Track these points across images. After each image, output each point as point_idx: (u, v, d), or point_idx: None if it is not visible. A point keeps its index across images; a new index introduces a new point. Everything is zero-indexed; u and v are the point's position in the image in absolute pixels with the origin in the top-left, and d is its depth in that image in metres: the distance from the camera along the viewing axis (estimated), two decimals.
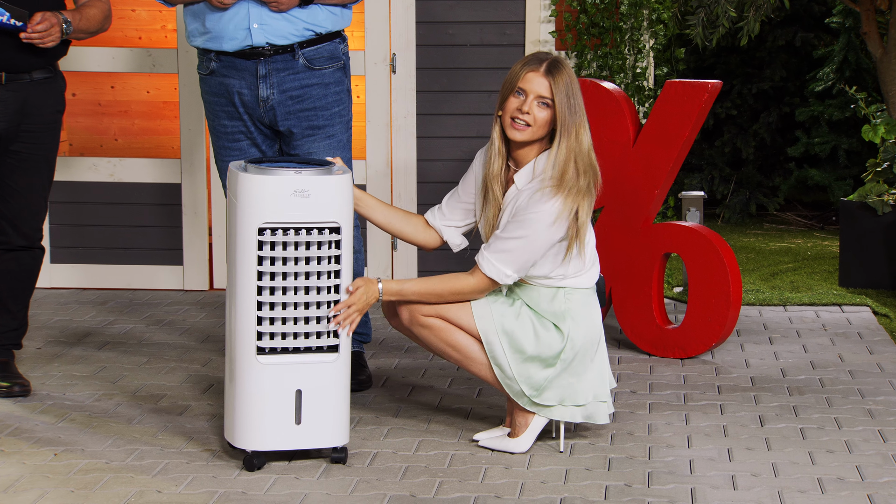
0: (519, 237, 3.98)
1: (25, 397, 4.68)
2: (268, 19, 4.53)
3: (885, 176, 6.66)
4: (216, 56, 4.63)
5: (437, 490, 3.80)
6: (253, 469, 3.93)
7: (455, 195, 4.27)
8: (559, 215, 3.97)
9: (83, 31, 4.64)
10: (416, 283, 4.06)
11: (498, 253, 4.00)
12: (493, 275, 4.00)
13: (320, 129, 4.66)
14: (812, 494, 3.77)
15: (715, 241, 5.17)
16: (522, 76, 4.02)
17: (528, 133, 4.02)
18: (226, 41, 4.57)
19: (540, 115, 4.01)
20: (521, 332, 4.04)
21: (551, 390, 4.08)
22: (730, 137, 9.01)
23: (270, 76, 4.59)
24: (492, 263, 4.00)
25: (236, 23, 4.53)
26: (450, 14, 6.25)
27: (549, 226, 3.97)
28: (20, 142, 4.65)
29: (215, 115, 4.71)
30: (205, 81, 4.72)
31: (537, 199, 3.98)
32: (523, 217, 3.98)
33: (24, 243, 4.73)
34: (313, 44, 4.62)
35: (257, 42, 4.54)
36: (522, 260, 4.00)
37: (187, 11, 4.66)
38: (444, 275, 4.06)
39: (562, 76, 4.00)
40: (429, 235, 4.29)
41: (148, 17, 6.98)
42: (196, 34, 4.64)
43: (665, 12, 6.37)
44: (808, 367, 5.14)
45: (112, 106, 6.99)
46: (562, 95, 3.99)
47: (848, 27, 8.56)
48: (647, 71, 6.38)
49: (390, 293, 4.05)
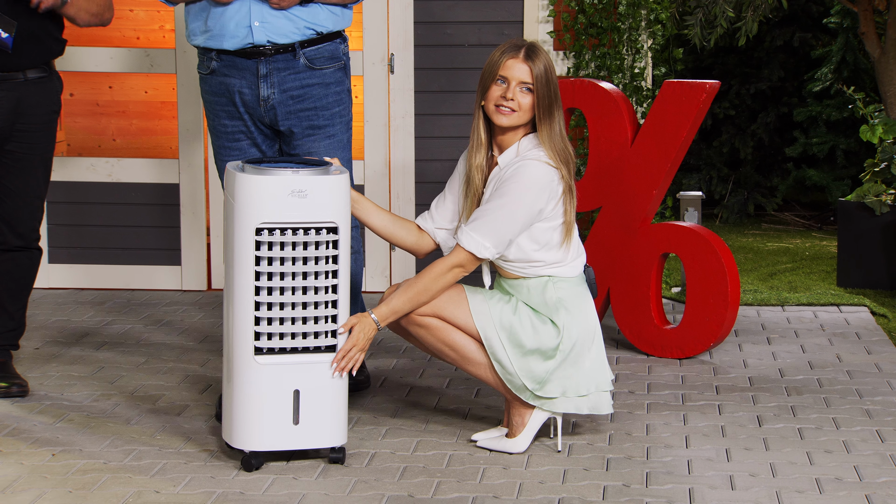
0: (497, 207, 4.01)
1: (23, 398, 4.68)
2: (269, 17, 4.53)
3: (883, 176, 6.66)
4: (217, 55, 4.63)
5: (436, 490, 3.80)
6: (251, 469, 3.93)
7: (442, 198, 4.29)
8: (538, 181, 4.01)
9: (83, 10, 4.60)
10: (400, 292, 4.05)
11: (475, 222, 4.02)
12: (470, 247, 4.01)
13: (321, 129, 4.66)
14: (810, 494, 3.77)
15: (713, 241, 5.17)
16: (503, 64, 4.06)
17: (514, 118, 4.06)
18: (227, 39, 4.56)
19: (524, 101, 4.06)
20: (520, 325, 4.05)
21: (553, 382, 4.08)
22: (728, 137, 9.01)
23: (271, 75, 4.59)
24: (469, 235, 4.02)
25: (237, 21, 4.53)
26: (448, 14, 6.25)
27: (526, 191, 4.00)
28: (15, 141, 4.64)
29: (215, 114, 4.71)
30: (205, 81, 4.71)
31: (515, 169, 4.03)
32: (502, 188, 4.03)
33: (21, 244, 4.73)
34: (314, 43, 4.62)
35: (258, 40, 4.54)
36: (502, 231, 4.00)
37: (188, 10, 4.66)
38: (427, 270, 4.07)
39: (540, 60, 4.07)
40: (423, 240, 4.29)
41: (146, 17, 6.98)
42: (197, 33, 4.64)
43: (663, 12, 6.37)
44: (806, 368, 5.14)
45: (110, 106, 6.99)
46: (542, 79, 4.05)
47: (846, 27, 8.56)
48: (645, 71, 6.39)
49: (385, 317, 4.03)
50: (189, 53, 6.28)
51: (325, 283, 3.89)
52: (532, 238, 4.07)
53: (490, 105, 4.08)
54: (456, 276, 4.05)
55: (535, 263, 4.10)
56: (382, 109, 6.27)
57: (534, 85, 4.04)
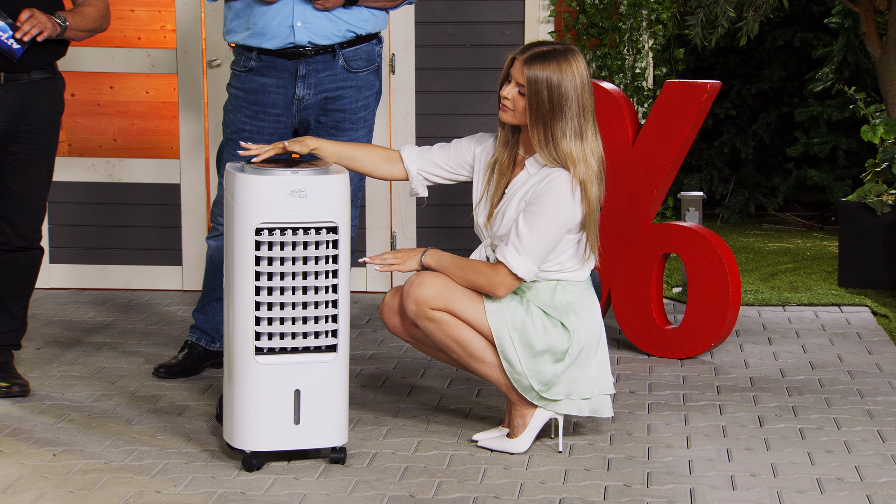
0: (540, 227, 3.97)
1: (24, 398, 4.68)
2: (311, 18, 4.56)
3: (884, 176, 6.66)
4: (257, 55, 4.65)
5: (437, 490, 3.80)
6: (252, 469, 3.93)
7: (446, 152, 4.24)
8: (568, 195, 3.98)
9: (81, 30, 4.64)
10: (456, 260, 4.10)
11: (525, 247, 3.99)
12: (525, 273, 4.00)
13: (344, 133, 4.70)
14: (811, 495, 3.77)
15: (714, 241, 5.17)
16: (510, 61, 4.06)
17: (510, 116, 4.05)
18: (268, 38, 4.59)
19: (519, 103, 4.03)
20: (532, 326, 4.05)
21: (560, 385, 4.08)
22: (729, 138, 9.01)
23: (309, 76, 4.62)
24: (520, 261, 3.99)
25: (280, 20, 4.56)
26: (449, 14, 6.25)
27: (562, 207, 3.98)
28: (19, 142, 4.65)
29: (237, 109, 4.72)
30: (238, 77, 4.72)
31: (546, 184, 4.00)
32: (538, 207, 3.98)
33: (24, 244, 4.73)
34: (352, 44, 4.65)
35: (300, 41, 4.57)
36: (543, 253, 4.01)
37: (229, 7, 4.68)
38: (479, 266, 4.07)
39: (542, 68, 3.98)
40: (393, 169, 4.26)
41: (147, 17, 6.98)
42: (239, 30, 4.66)
43: (664, 13, 6.37)
44: (807, 368, 5.14)
45: (111, 106, 6.99)
46: (536, 86, 3.98)
47: (847, 27, 8.56)
48: (646, 71, 6.39)
49: (433, 260, 4.11)
50: (190, 54, 6.28)
51: (325, 282, 3.89)
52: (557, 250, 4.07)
53: (499, 101, 4.09)
54: (500, 294, 4.04)
55: (552, 266, 4.09)
56: (383, 110, 6.27)
57: (525, 89, 4.01)
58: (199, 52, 6.32)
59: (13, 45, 4.46)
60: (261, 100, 4.67)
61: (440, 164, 4.24)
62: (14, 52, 4.48)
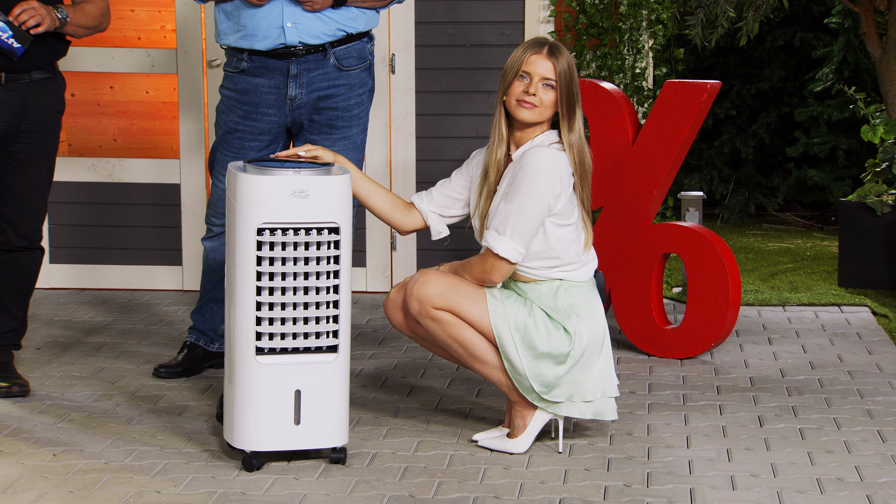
0: (517, 206, 3.99)
1: (24, 397, 4.68)
2: (301, 18, 4.57)
3: (884, 176, 6.66)
4: (248, 56, 4.66)
5: (437, 490, 3.80)
6: (252, 469, 3.93)
7: (448, 184, 4.30)
8: (546, 168, 4.01)
9: (81, 27, 4.64)
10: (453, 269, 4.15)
11: (506, 226, 4.00)
12: (509, 255, 4.00)
13: (338, 131, 4.70)
14: (811, 495, 3.77)
15: (714, 241, 5.17)
16: (526, 60, 4.08)
17: (536, 113, 4.07)
18: (259, 39, 4.60)
19: (546, 97, 4.07)
20: (534, 328, 4.05)
21: (561, 387, 4.08)
22: (729, 138, 9.01)
23: (301, 76, 4.63)
24: (502, 241, 4.00)
25: (270, 21, 4.57)
26: (449, 14, 6.25)
27: (537, 181, 3.99)
28: (19, 142, 4.65)
29: (230, 109, 4.74)
30: (230, 79, 4.74)
31: (524, 162, 4.04)
32: (515, 185, 4.02)
33: (24, 244, 4.73)
34: (343, 42, 4.66)
35: (290, 41, 4.58)
36: (527, 232, 4.00)
37: (219, 10, 4.69)
38: (470, 260, 4.10)
39: (563, 58, 4.09)
40: (410, 218, 4.30)
41: (147, 17, 6.98)
42: (229, 32, 4.67)
43: (664, 13, 6.37)
44: (807, 368, 5.14)
45: (111, 106, 6.98)
46: (565, 76, 4.07)
47: (847, 27, 8.56)
48: (646, 71, 6.39)
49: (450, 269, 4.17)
50: (190, 54, 6.29)
51: (326, 283, 3.89)
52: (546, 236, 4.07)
53: (512, 100, 4.09)
54: (495, 280, 4.07)
55: (549, 262, 4.09)
56: (383, 110, 6.27)
57: (556, 81, 4.06)
58: (199, 52, 6.32)
59: (13, 44, 4.47)
60: (253, 100, 4.68)
61: (449, 193, 4.28)
62: (14, 51, 4.48)
